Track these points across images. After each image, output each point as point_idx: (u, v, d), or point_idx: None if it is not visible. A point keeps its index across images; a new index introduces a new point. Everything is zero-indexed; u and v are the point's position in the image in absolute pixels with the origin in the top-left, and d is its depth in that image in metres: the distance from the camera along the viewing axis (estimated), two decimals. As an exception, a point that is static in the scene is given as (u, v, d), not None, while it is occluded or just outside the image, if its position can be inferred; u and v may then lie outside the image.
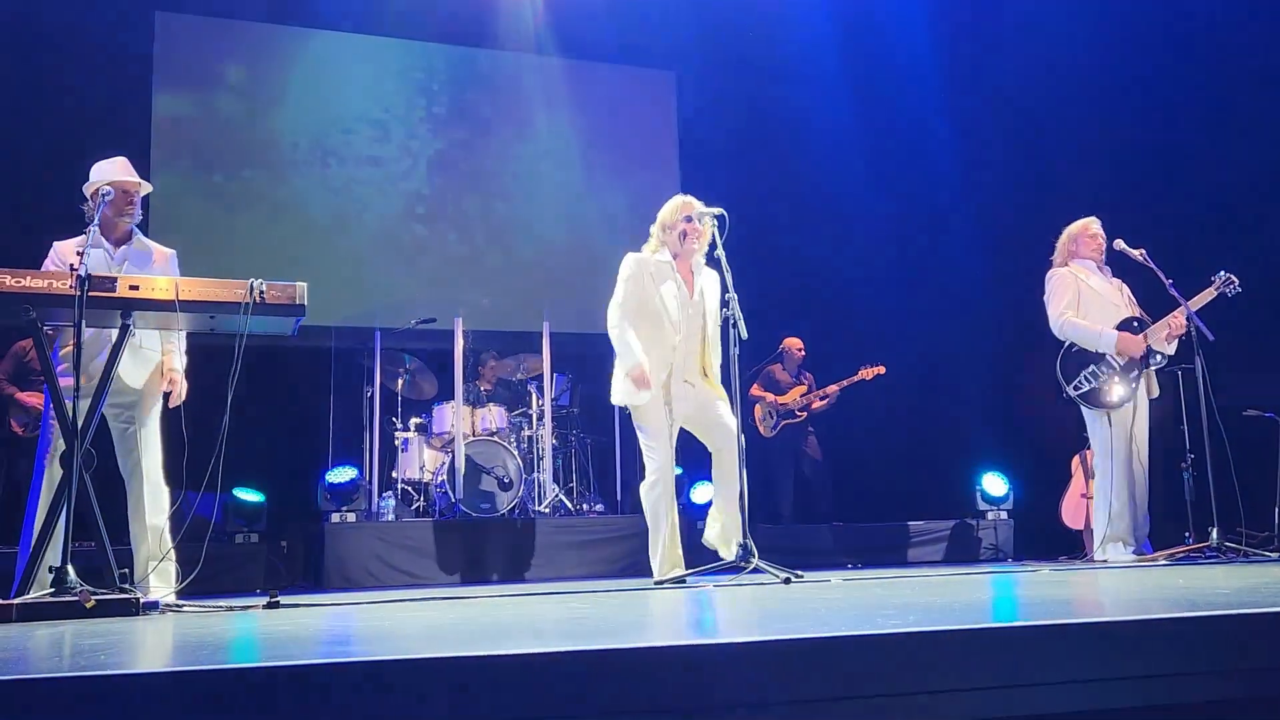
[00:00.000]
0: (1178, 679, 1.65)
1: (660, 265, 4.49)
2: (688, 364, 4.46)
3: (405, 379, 7.33)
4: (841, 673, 1.51)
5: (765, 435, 7.80)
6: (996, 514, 7.46)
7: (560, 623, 2.25)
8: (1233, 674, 1.68)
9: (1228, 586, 2.56)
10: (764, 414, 7.83)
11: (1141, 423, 5.38)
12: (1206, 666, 1.68)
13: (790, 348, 8.00)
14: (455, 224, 8.83)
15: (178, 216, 7.78)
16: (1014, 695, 1.56)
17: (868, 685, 1.52)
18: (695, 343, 4.49)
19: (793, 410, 7.82)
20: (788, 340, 8.00)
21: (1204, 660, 1.68)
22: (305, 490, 7.02)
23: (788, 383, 7.95)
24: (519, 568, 6.47)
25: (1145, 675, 1.62)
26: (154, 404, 4.08)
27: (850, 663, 1.53)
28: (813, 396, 7.81)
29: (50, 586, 3.07)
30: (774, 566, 4.20)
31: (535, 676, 1.43)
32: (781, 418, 7.82)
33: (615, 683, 1.45)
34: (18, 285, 3.32)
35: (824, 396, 7.78)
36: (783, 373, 7.99)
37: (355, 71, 8.72)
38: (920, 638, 1.57)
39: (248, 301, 3.51)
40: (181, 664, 1.64)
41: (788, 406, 7.83)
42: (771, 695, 1.49)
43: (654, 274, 4.46)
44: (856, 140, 8.73)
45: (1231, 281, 5.25)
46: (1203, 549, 5.07)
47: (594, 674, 1.45)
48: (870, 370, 7.71)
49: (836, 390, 7.77)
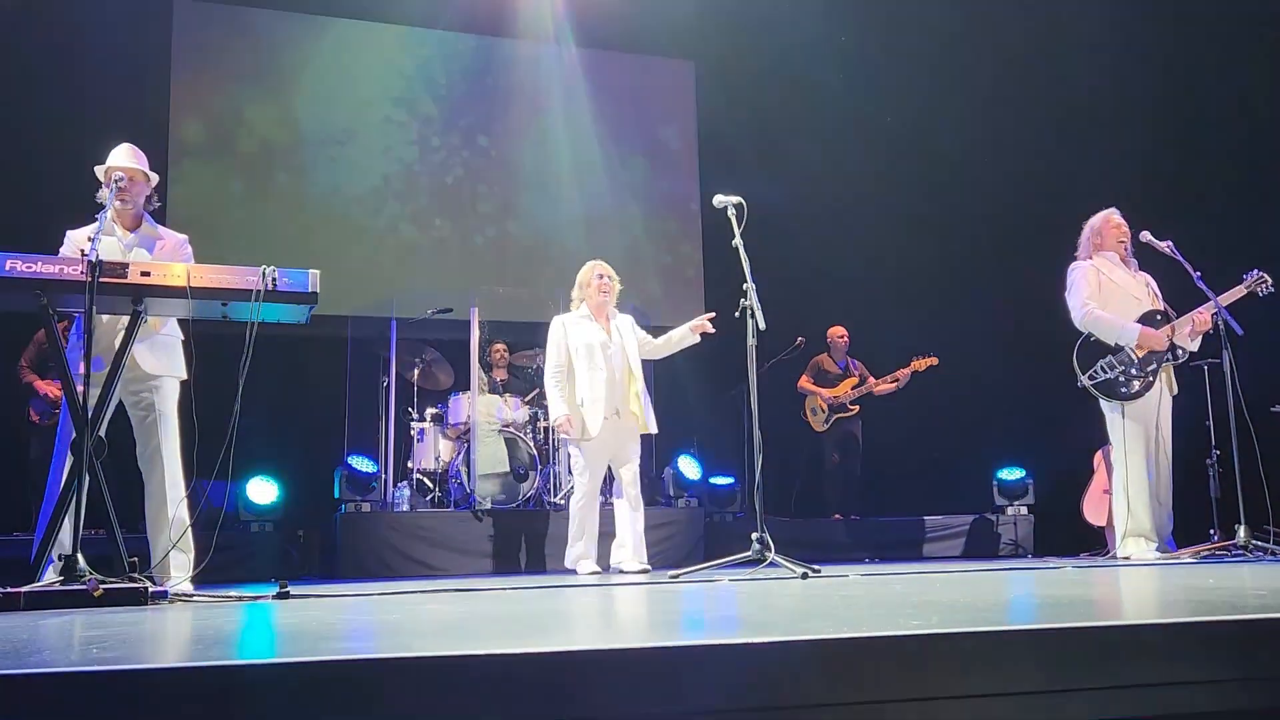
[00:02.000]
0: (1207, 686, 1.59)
1: (580, 320, 5.49)
2: (615, 395, 5.39)
3: (421, 369, 7.31)
4: (860, 674, 1.46)
5: (818, 430, 7.79)
6: (1016, 509, 7.38)
7: (566, 618, 2.20)
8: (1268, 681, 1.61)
9: (1264, 588, 2.48)
10: (814, 408, 7.83)
11: (1165, 418, 5.28)
12: (1238, 673, 1.61)
13: (834, 337, 7.97)
14: (472, 214, 8.80)
15: (194, 204, 7.79)
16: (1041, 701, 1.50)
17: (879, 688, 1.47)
18: (621, 374, 5.43)
19: (844, 404, 7.79)
20: (832, 329, 7.97)
21: (1235, 667, 1.61)
22: (320, 480, 7.00)
23: (836, 374, 7.91)
24: (534, 559, 6.45)
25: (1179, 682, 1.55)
26: (172, 392, 4.06)
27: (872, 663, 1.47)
28: (870, 385, 7.73)
29: (60, 575, 3.05)
30: (791, 561, 4.16)
31: (551, 674, 1.38)
32: (834, 411, 7.80)
33: (632, 681, 1.40)
34: (29, 270, 3.29)
35: (894, 380, 7.69)
36: (830, 363, 7.97)
37: (373, 60, 8.70)
38: (939, 639, 1.51)
39: (260, 289, 3.48)
40: (177, 660, 1.60)
41: (839, 400, 7.79)
42: (786, 697, 1.44)
43: (576, 328, 5.47)
44: (875, 130, 8.64)
45: (1264, 281, 5.14)
46: (1229, 547, 4.98)
47: (613, 671, 1.40)
48: (922, 361, 7.63)
49: (908, 374, 7.66)
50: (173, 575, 3.81)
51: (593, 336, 5.44)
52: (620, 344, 5.49)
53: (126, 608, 2.87)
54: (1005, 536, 7.29)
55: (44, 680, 1.31)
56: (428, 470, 6.98)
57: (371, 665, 1.35)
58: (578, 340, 5.44)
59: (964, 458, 7.98)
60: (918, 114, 8.63)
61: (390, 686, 1.31)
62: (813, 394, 7.84)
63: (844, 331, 7.97)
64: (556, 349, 5.48)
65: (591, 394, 5.34)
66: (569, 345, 5.46)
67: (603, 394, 5.35)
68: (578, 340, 5.44)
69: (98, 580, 2.95)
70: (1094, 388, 5.28)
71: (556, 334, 5.51)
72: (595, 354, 5.40)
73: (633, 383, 5.44)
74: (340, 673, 1.33)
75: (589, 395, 5.35)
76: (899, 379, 7.68)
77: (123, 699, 1.31)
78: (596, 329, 5.47)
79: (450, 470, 6.88)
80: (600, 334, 5.46)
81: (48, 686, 1.31)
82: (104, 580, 3.00)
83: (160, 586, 3.24)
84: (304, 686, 1.32)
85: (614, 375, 5.41)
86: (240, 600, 3.22)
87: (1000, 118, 8.32)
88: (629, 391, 5.43)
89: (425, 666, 1.34)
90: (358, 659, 1.36)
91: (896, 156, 8.59)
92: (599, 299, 5.50)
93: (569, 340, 5.46)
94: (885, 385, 7.72)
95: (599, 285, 5.50)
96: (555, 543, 6.49)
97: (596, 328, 5.48)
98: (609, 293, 5.53)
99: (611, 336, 5.49)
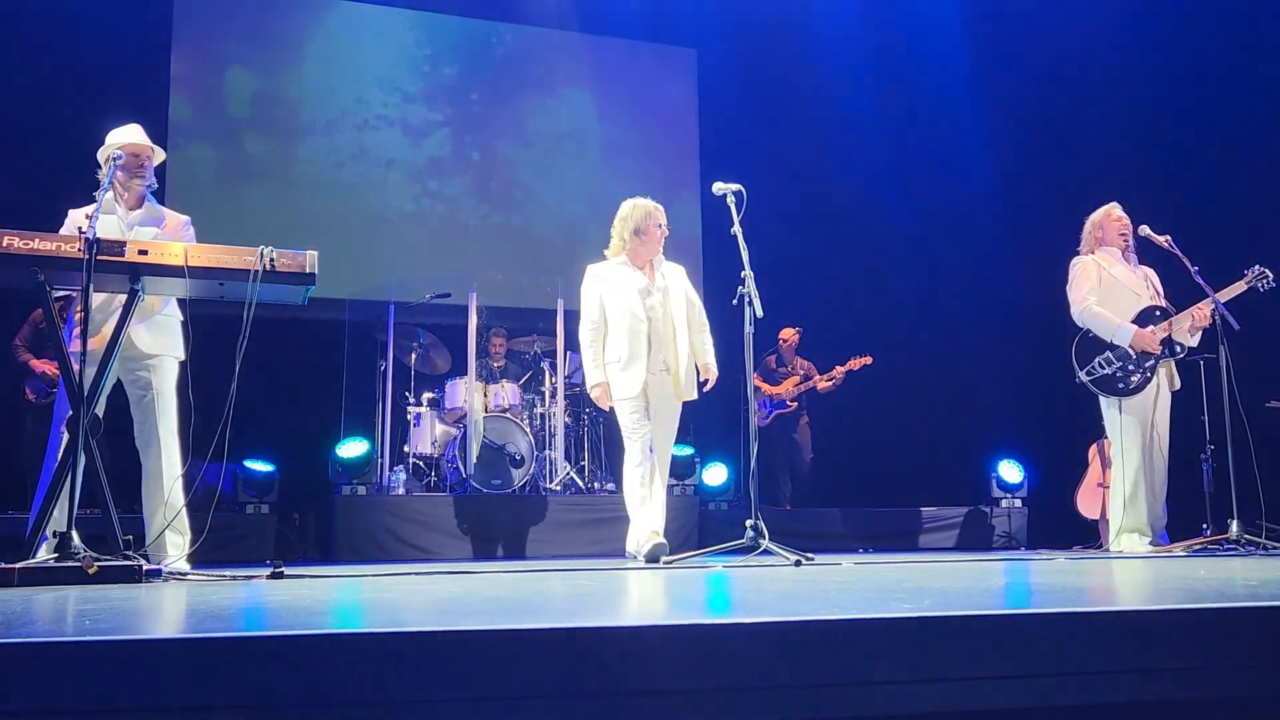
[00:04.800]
0: (1194, 672, 1.60)
1: (617, 268, 4.86)
2: (660, 349, 4.79)
3: (419, 353, 7.31)
4: (848, 657, 1.47)
5: (759, 425, 7.91)
6: (1011, 502, 7.40)
7: (563, 599, 2.21)
8: (1255, 668, 1.62)
9: (1253, 578, 2.50)
10: (757, 404, 7.95)
11: (1163, 413, 5.28)
12: (1229, 660, 1.62)
13: (781, 338, 8.13)
14: (472, 199, 8.79)
15: (194, 185, 7.78)
16: (1027, 685, 1.51)
17: (876, 671, 1.47)
18: (665, 328, 4.82)
19: (784, 400, 7.96)
20: (781, 331, 8.10)
21: (1226, 654, 1.62)
22: (317, 462, 7.01)
23: (782, 373, 8.10)
24: (529, 545, 6.46)
25: (1165, 668, 1.56)
26: (171, 372, 4.05)
27: (861, 648, 1.48)
28: (815, 381, 7.94)
29: (54, 552, 3.05)
30: (784, 548, 4.17)
31: (537, 651, 1.38)
32: (774, 408, 7.98)
33: (620, 659, 1.41)
34: (26, 248, 3.29)
35: (831, 379, 7.89)
36: (776, 363, 8.14)
37: (374, 43, 8.67)
38: (934, 623, 1.52)
39: (258, 269, 3.47)
40: (167, 632, 1.61)
41: (780, 397, 7.96)
42: (779, 678, 1.44)
43: (614, 278, 4.84)
44: (876, 121, 8.64)
45: (1265, 276, 5.13)
46: (1221, 541, 4.99)
47: (596, 650, 1.41)
48: (857, 361, 7.84)
49: (843, 373, 7.86)
50: (169, 554, 3.81)
51: (633, 283, 4.81)
52: (664, 292, 4.87)
53: (120, 585, 2.88)
54: (999, 529, 7.31)
55: (34, 650, 1.32)
56: (424, 454, 6.98)
57: (364, 639, 1.35)
58: (615, 289, 4.81)
59: (960, 450, 7.99)
60: (918, 104, 8.62)
61: (382, 661, 1.32)
62: (759, 389, 7.96)
63: (792, 333, 8.13)
64: (592, 304, 4.85)
65: (631, 349, 4.73)
66: (604, 298, 4.83)
67: (644, 348, 4.74)
68: (615, 289, 4.81)
69: (92, 558, 2.96)
70: (1092, 383, 5.28)
71: (592, 287, 4.88)
72: (636, 303, 4.77)
73: (676, 338, 4.82)
74: (336, 646, 1.34)
75: (628, 351, 4.73)
76: (835, 378, 7.90)
77: (114, 669, 1.31)
78: (638, 275, 4.84)
79: (446, 454, 6.89)
80: (642, 280, 4.83)
81: (39, 656, 1.32)
82: (98, 558, 3.00)
83: (155, 565, 3.25)
84: (298, 659, 1.32)
85: (657, 327, 4.80)
86: (234, 579, 3.22)
87: (1000, 107, 8.31)
88: (673, 348, 4.82)
89: (417, 641, 1.34)
90: (351, 633, 1.37)
91: (896, 146, 8.58)
92: (651, 249, 4.86)
93: (604, 292, 4.83)
94: (824, 384, 7.93)
95: (659, 236, 4.85)
96: (550, 528, 6.51)
97: (638, 274, 4.84)
98: (658, 241, 4.87)
99: (655, 283, 4.86)
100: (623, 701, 1.38)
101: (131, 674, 1.31)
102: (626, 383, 4.73)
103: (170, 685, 1.31)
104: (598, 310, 4.82)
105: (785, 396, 7.97)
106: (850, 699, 1.44)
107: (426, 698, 1.32)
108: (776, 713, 1.42)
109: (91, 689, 1.29)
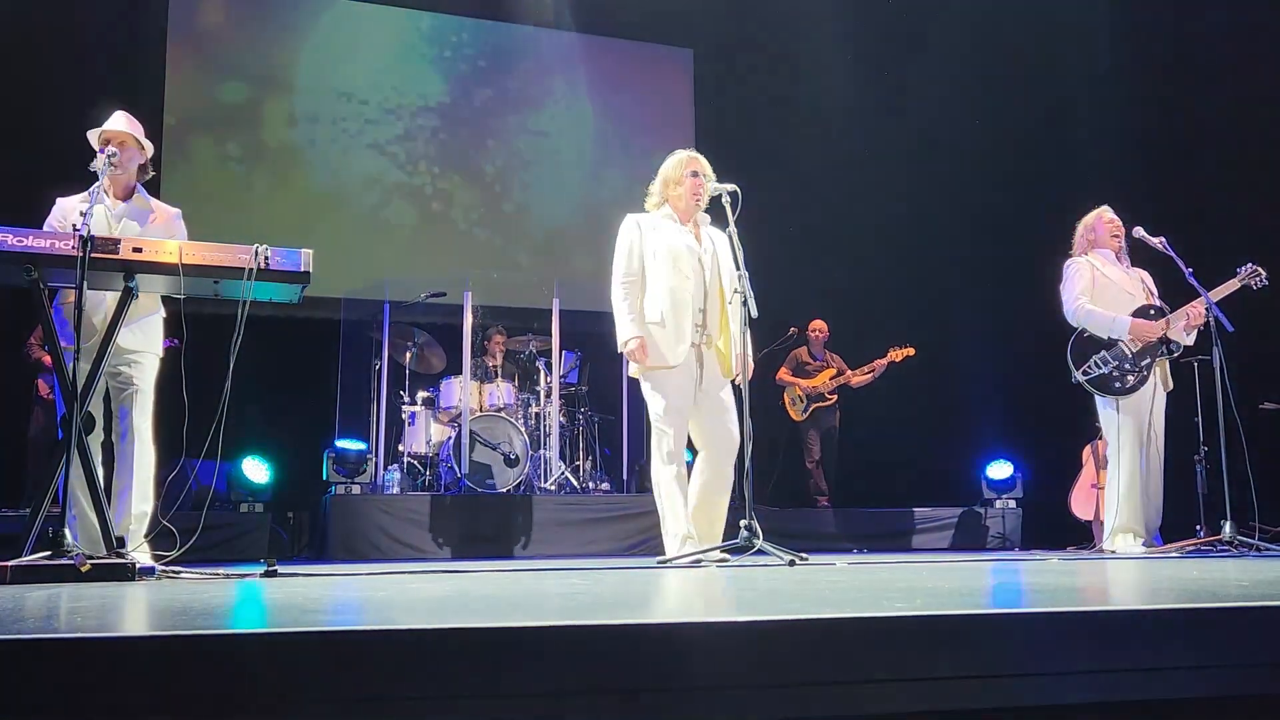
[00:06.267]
0: (1187, 671, 1.60)
1: (661, 220, 4.35)
2: (705, 316, 4.23)
3: (413, 352, 7.31)
4: (841, 656, 1.47)
5: (796, 419, 7.92)
6: (1004, 503, 7.42)
7: (556, 598, 2.21)
8: (1248, 668, 1.63)
9: (1246, 579, 2.50)
10: (793, 399, 7.96)
11: (1159, 413, 5.29)
12: (1219, 660, 1.62)
13: (813, 330, 8.09)
14: (468, 198, 8.79)
15: (188, 181, 7.77)
16: (1020, 685, 1.51)
17: (869, 670, 1.47)
18: (714, 291, 4.26)
19: (822, 394, 7.91)
20: (811, 323, 8.04)
21: (1219, 654, 1.62)
22: (311, 461, 7.00)
23: (814, 366, 8.02)
24: (523, 544, 6.45)
25: (1158, 667, 1.56)
26: (151, 368, 4.05)
27: (854, 646, 1.48)
28: (847, 376, 7.87)
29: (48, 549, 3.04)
30: (779, 548, 4.16)
31: (530, 650, 1.38)
32: (811, 401, 7.92)
33: (609, 658, 1.40)
34: (19, 245, 3.28)
35: (870, 370, 7.84)
36: (808, 355, 8.08)
37: (370, 41, 8.67)
38: (927, 622, 1.52)
39: (252, 267, 3.46)
40: (159, 630, 1.60)
41: (817, 390, 7.90)
42: (772, 676, 1.44)
43: (656, 229, 4.31)
44: (871, 122, 8.64)
45: (1258, 274, 5.14)
46: (1214, 543, 5.00)
47: (587, 649, 1.41)
48: (899, 352, 7.76)
49: (884, 364, 7.81)
50: (138, 545, 3.75)
51: (677, 239, 4.27)
52: (713, 253, 4.30)
53: (113, 583, 2.87)
54: (993, 530, 7.33)
55: (25, 646, 1.31)
56: (418, 454, 6.98)
57: (357, 637, 1.35)
58: (657, 242, 4.25)
59: (954, 451, 8.00)
60: (913, 105, 8.63)
61: (375, 659, 1.32)
62: (791, 384, 7.95)
63: (823, 325, 8.10)
64: (628, 254, 4.27)
65: (675, 309, 4.16)
66: (644, 249, 4.26)
67: (688, 310, 4.17)
68: (657, 242, 4.25)
69: (84, 555, 2.95)
70: (1088, 383, 5.29)
71: (629, 235, 4.30)
72: (681, 259, 4.21)
73: (725, 308, 4.23)
74: (326, 643, 1.34)
75: (670, 311, 4.16)
76: (875, 369, 7.84)
77: (104, 665, 1.31)
78: (684, 231, 4.31)
79: (441, 454, 6.89)
80: (688, 237, 4.30)
81: (30, 651, 1.31)
82: (91, 556, 2.99)
83: (147, 564, 3.24)
84: (291, 658, 1.32)
85: (704, 290, 4.23)
86: (227, 578, 3.22)
87: (994, 109, 8.32)
88: (720, 316, 4.23)
89: (411, 640, 1.34)
90: (343, 630, 1.36)
91: (891, 147, 8.58)
92: (689, 203, 4.31)
93: (644, 243, 4.27)
94: (862, 376, 7.88)
95: (691, 186, 4.30)
96: (544, 528, 6.50)
97: (684, 230, 4.32)
98: (700, 196, 4.32)
99: (702, 244, 4.31)
100: (615, 700, 1.37)
101: (122, 671, 1.31)
102: (667, 348, 4.15)
103: (162, 683, 1.30)
104: (633, 260, 4.25)
105: (823, 389, 7.92)
106: (842, 698, 1.44)
107: (419, 696, 1.32)
108: (769, 711, 1.42)
109: (82, 686, 1.28)
